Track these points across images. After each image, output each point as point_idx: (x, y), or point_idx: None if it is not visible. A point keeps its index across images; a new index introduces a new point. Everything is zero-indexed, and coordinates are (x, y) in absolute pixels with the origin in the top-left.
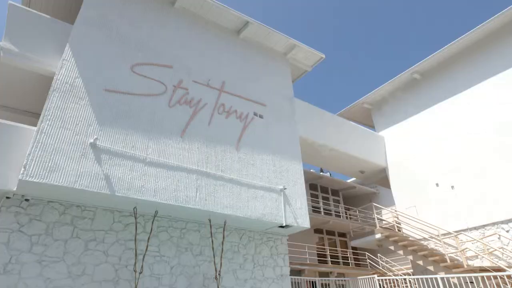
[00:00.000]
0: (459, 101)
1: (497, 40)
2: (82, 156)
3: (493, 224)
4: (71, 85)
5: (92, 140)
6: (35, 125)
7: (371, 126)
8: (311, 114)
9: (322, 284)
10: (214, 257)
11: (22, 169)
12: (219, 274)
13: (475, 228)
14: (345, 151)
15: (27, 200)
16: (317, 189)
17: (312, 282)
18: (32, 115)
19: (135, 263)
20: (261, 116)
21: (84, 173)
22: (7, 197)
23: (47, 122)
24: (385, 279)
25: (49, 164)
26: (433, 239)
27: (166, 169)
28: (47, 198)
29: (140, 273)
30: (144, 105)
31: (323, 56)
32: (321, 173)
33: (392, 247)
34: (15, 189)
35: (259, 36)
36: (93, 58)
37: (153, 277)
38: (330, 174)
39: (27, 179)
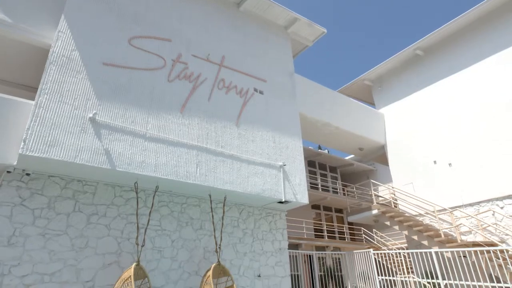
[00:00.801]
0: (461, 78)
1: (502, 16)
2: (82, 131)
3: (488, 201)
4: (68, 58)
5: (91, 115)
6: (33, 99)
7: (371, 103)
8: (311, 90)
9: (318, 258)
10: (214, 231)
11: (22, 143)
12: (219, 248)
13: (470, 205)
14: (345, 128)
15: (28, 174)
16: (315, 166)
17: (309, 255)
18: (30, 89)
19: (137, 237)
20: (261, 92)
21: (84, 148)
22: (8, 171)
23: (45, 96)
24: (380, 253)
25: (49, 139)
26: (429, 215)
27: (166, 145)
28: (48, 172)
29: (142, 246)
30: (143, 79)
31: (325, 30)
32: (319, 150)
33: (388, 223)
34: (15, 163)
35: (260, 9)
36: (90, 30)
37: (155, 250)
38: (328, 151)
39: (27, 153)
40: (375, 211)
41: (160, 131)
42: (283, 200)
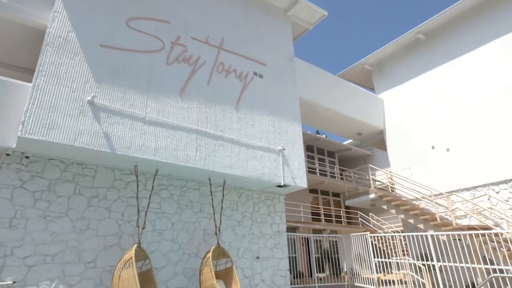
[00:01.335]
0: (461, 63)
1: (504, 1)
2: (81, 114)
3: (484, 185)
4: (64, 40)
5: (89, 98)
6: (30, 81)
7: (371, 88)
8: (311, 74)
9: (315, 240)
10: (214, 214)
11: (21, 126)
12: (218, 230)
13: (467, 189)
14: (344, 112)
15: (27, 157)
16: (314, 150)
17: (306, 238)
18: (26, 71)
19: (137, 219)
20: (261, 76)
21: (83, 131)
22: (7, 154)
23: (42, 78)
24: (376, 236)
25: (48, 122)
26: (425, 199)
27: (165, 128)
28: (47, 155)
29: (143, 228)
30: (142, 62)
31: (325, 13)
32: (317, 135)
33: (385, 207)
34: (14, 146)
35: None
36: (86, 10)
37: (155, 232)
38: (326, 136)
39: (26, 136)
40: (372, 195)
41: (159, 114)
42: (282, 184)
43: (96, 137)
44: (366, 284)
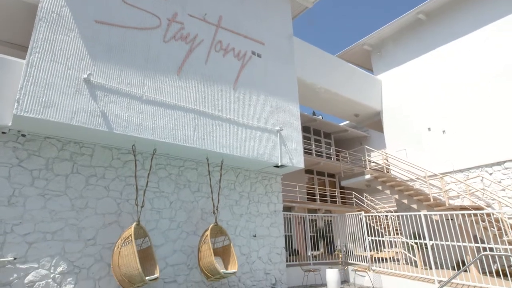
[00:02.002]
0: (459, 45)
1: None
2: (77, 92)
3: (478, 167)
4: (58, 15)
5: (85, 76)
6: (23, 58)
7: (370, 69)
8: (310, 54)
9: (310, 220)
10: (211, 193)
11: (16, 104)
12: (216, 209)
13: (460, 171)
14: (342, 93)
15: (23, 135)
16: (310, 131)
17: (302, 217)
18: (19, 48)
19: (136, 198)
20: (259, 55)
21: (80, 110)
22: (3, 132)
23: (36, 55)
24: (370, 216)
25: (43, 99)
26: (419, 180)
27: (163, 108)
28: (43, 134)
29: (142, 207)
30: (138, 39)
31: None
32: (314, 115)
33: (380, 187)
34: (10, 124)
35: None
36: None
37: (154, 211)
38: (322, 117)
39: (22, 114)
40: (368, 176)
41: (156, 93)
42: (280, 164)
43: (93, 115)
44: (359, 261)
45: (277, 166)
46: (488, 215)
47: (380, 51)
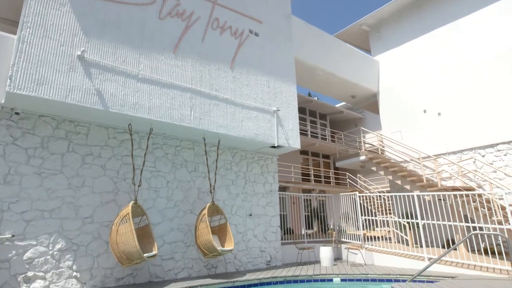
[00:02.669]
0: (458, 27)
1: None
2: (71, 69)
3: (471, 149)
4: None
5: (79, 52)
6: (14, 33)
7: (367, 50)
8: (308, 34)
9: (304, 200)
10: (208, 173)
11: (8, 80)
12: (213, 189)
13: (454, 153)
14: (340, 74)
15: (17, 113)
16: (306, 112)
17: (297, 197)
18: (9, 23)
19: (133, 177)
20: (256, 34)
21: (74, 87)
22: None
23: (28, 30)
24: (363, 196)
25: (36, 77)
26: (413, 162)
27: (159, 86)
28: (38, 112)
29: (139, 186)
30: (133, 15)
31: None
32: (309, 96)
33: (374, 168)
34: (3, 101)
35: None
36: None
37: (151, 190)
38: (318, 98)
39: (14, 91)
40: (363, 157)
41: (152, 72)
42: (276, 145)
43: (88, 94)
44: (352, 239)
45: (273, 147)
46: (480, 196)
47: (378, 32)
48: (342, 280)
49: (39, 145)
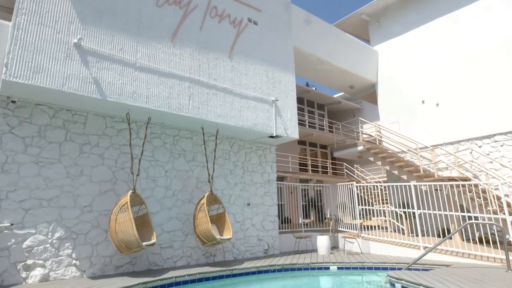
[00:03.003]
0: (457, 17)
1: None
2: (67, 57)
3: (468, 140)
4: None
5: (76, 40)
6: (9, 20)
7: (367, 40)
8: (307, 23)
9: (302, 190)
10: (207, 162)
11: (4, 68)
12: (211, 178)
13: (451, 143)
14: (338, 64)
15: (13, 102)
16: (304, 103)
17: (294, 187)
18: (6, 10)
19: (131, 166)
20: (255, 23)
21: (71, 76)
22: None
23: (23, 17)
24: (360, 186)
25: (33, 65)
26: (411, 152)
27: (157, 75)
28: (34, 100)
29: (137, 175)
30: (130, 3)
31: None
32: (307, 86)
33: (372, 158)
34: None
35: None
36: None
37: (149, 179)
38: (316, 88)
39: (11, 79)
40: (360, 148)
41: (150, 60)
42: (274, 135)
43: (85, 82)
44: (348, 229)
45: (272, 137)
46: (476, 186)
47: (378, 21)
48: (338, 268)
49: (36, 134)
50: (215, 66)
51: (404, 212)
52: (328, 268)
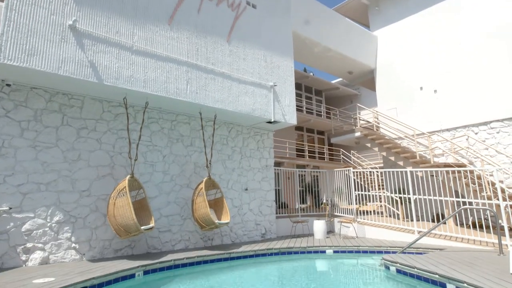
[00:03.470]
0: (457, 3)
1: None
2: (62, 40)
3: (465, 126)
4: None
5: (71, 22)
6: (2, 1)
7: (366, 25)
8: (306, 6)
9: (299, 175)
10: (205, 148)
11: None
12: (209, 163)
13: (448, 130)
14: (337, 49)
15: (8, 85)
16: (302, 88)
17: (291, 172)
18: None
19: (129, 151)
20: (254, 6)
21: (67, 59)
22: None
23: None
24: (356, 171)
25: (27, 47)
26: (407, 139)
27: (154, 59)
28: (29, 84)
29: (135, 160)
30: None
31: None
32: (305, 72)
33: (369, 145)
34: None
35: None
36: None
37: (147, 164)
38: (313, 74)
39: (5, 62)
40: (357, 134)
41: (147, 44)
42: (272, 120)
43: (81, 66)
44: (344, 213)
45: (269, 122)
46: (471, 172)
47: (378, 6)
48: (334, 252)
49: (32, 118)
50: (213, 50)
51: (400, 198)
52: (324, 252)
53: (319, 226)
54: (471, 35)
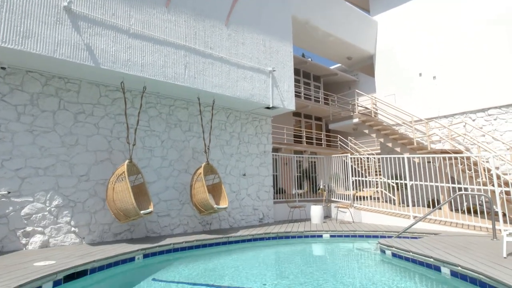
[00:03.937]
0: None
1: None
2: (58, 22)
3: (463, 113)
4: None
5: (65, 3)
6: None
7: (366, 9)
8: None
9: (296, 161)
10: (203, 133)
11: None
12: (208, 149)
13: (445, 117)
14: (337, 34)
15: (3, 68)
16: (300, 74)
17: (288, 158)
18: None
19: (127, 136)
20: None
21: (63, 42)
22: None
23: None
24: (354, 158)
25: (21, 29)
26: (405, 125)
27: (152, 43)
28: (25, 67)
29: (134, 145)
30: None
31: None
32: (303, 57)
33: (366, 131)
34: None
35: None
36: None
37: (145, 149)
38: (312, 59)
39: (0, 44)
40: (355, 120)
41: (144, 27)
42: (271, 106)
43: (77, 49)
44: (341, 199)
45: (268, 108)
46: (468, 158)
47: None
48: (331, 236)
49: (29, 102)
50: (211, 34)
51: (396, 183)
52: (321, 236)
53: (316, 211)
54: (471, 21)
